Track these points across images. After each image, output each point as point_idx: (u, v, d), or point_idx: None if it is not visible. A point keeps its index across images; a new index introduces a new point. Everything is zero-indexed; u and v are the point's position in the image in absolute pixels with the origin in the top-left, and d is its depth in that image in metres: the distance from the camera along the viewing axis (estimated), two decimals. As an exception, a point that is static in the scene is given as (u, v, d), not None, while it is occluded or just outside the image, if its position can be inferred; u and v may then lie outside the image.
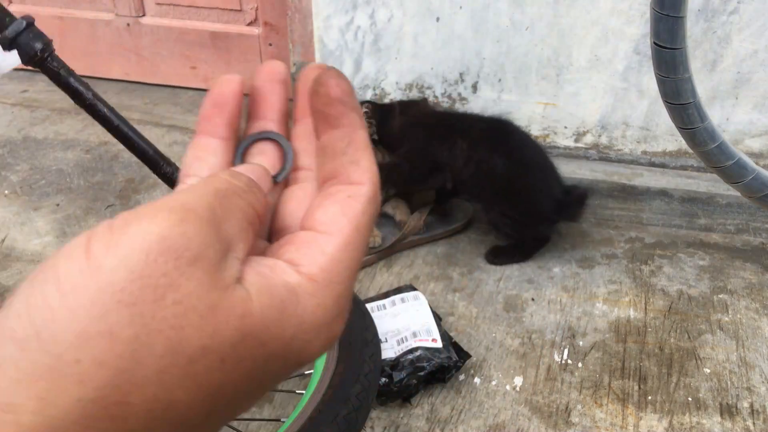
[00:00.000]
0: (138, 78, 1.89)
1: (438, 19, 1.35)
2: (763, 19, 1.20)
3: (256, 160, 0.28)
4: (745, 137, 1.31)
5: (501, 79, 1.38)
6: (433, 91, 1.43)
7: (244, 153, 0.28)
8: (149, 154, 0.68)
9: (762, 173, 1.09)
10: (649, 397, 0.94)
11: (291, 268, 0.23)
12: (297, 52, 1.51)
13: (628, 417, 0.91)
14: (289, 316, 0.22)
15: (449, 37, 1.36)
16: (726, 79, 1.27)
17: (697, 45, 1.24)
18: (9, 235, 1.29)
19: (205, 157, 0.27)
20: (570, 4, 1.26)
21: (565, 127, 1.40)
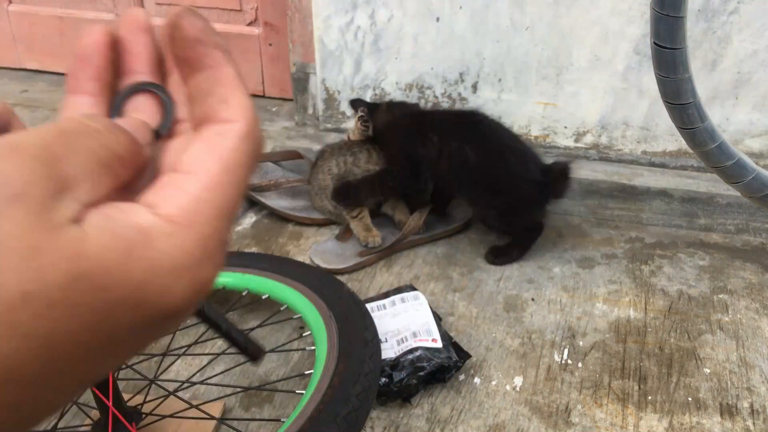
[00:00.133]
0: (138, 78, 1.89)
1: (438, 19, 1.35)
2: (763, 20, 1.20)
3: (135, 115, 0.26)
4: (745, 137, 1.31)
5: (501, 79, 1.38)
6: (433, 92, 1.43)
7: (121, 108, 0.27)
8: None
9: (762, 173, 1.09)
10: (649, 397, 0.94)
11: (146, 209, 0.22)
12: (297, 52, 1.51)
13: (628, 417, 0.91)
14: (138, 258, 0.20)
15: (449, 38, 1.36)
16: (726, 79, 1.27)
17: (697, 45, 1.25)
18: (9, 235, 1.29)
19: None
20: (570, 5, 1.27)
21: (565, 127, 1.40)
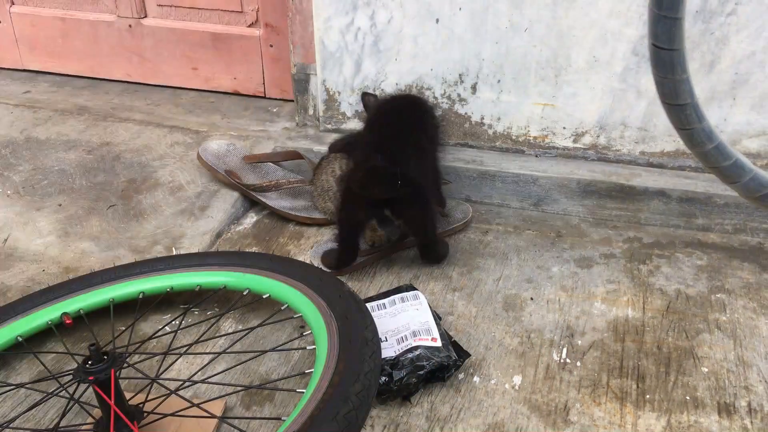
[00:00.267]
0: (139, 79, 1.90)
1: (437, 20, 1.35)
2: (760, 21, 1.20)
3: None
4: (743, 138, 1.32)
5: (500, 80, 1.39)
6: (433, 92, 1.44)
7: None
8: None
9: (760, 173, 1.09)
10: (648, 396, 0.95)
11: None
12: (297, 53, 1.52)
13: (626, 416, 0.92)
14: None
15: (449, 39, 1.37)
16: (724, 80, 1.27)
17: (695, 46, 1.25)
18: (11, 235, 1.30)
19: None
20: (569, 6, 1.27)
21: (564, 127, 1.41)
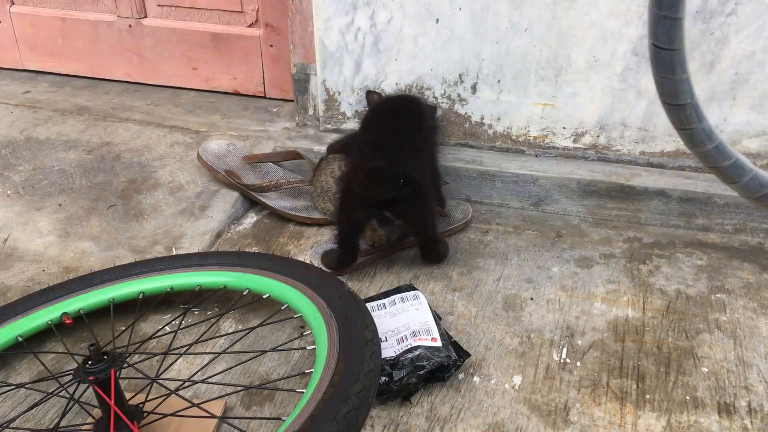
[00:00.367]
0: (139, 79, 1.90)
1: (437, 20, 1.35)
2: (760, 21, 1.20)
3: None
4: (743, 138, 1.32)
5: (500, 80, 1.39)
6: (433, 92, 1.44)
7: None
8: None
9: (760, 173, 1.09)
10: (648, 396, 0.95)
11: None
12: (297, 53, 1.52)
13: (626, 416, 0.92)
14: None
15: (449, 39, 1.37)
16: (724, 80, 1.27)
17: (695, 46, 1.25)
18: (11, 235, 1.30)
19: None
20: (569, 6, 1.27)
21: (564, 127, 1.41)
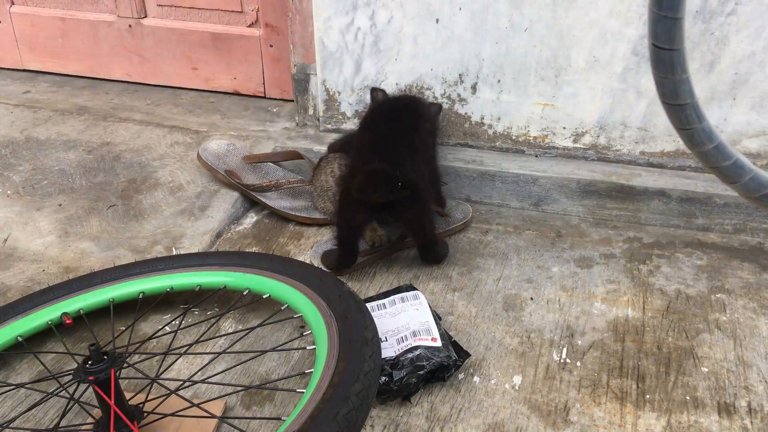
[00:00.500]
0: (139, 79, 1.90)
1: (437, 20, 1.35)
2: (760, 21, 1.20)
3: None
4: (743, 138, 1.32)
5: (500, 80, 1.39)
6: (433, 92, 1.44)
7: None
8: None
9: (760, 173, 1.09)
10: (648, 396, 0.95)
11: None
12: (298, 53, 1.52)
13: (626, 416, 0.92)
14: None
15: (449, 39, 1.37)
16: (724, 80, 1.27)
17: (695, 46, 1.25)
18: (11, 235, 1.30)
19: None
20: (569, 6, 1.27)
21: (564, 127, 1.41)
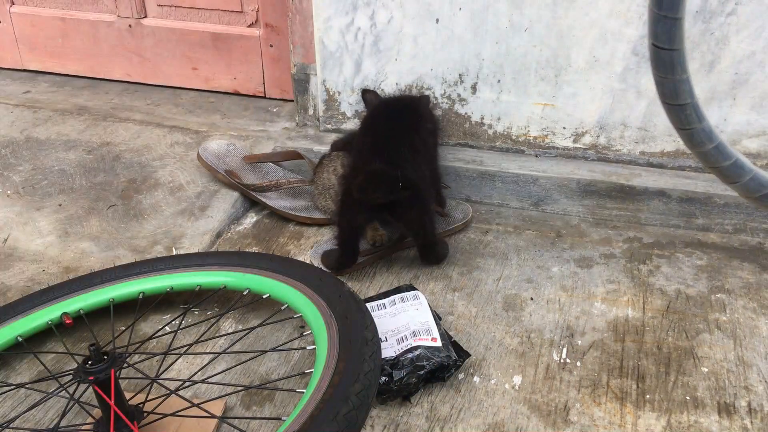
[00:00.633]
0: (139, 79, 1.90)
1: (437, 20, 1.35)
2: (760, 21, 1.20)
3: None
4: (743, 138, 1.32)
5: (500, 80, 1.39)
6: (433, 92, 1.44)
7: None
8: None
9: (760, 173, 1.09)
10: (648, 396, 0.95)
11: None
12: (298, 53, 1.52)
13: (626, 416, 0.92)
14: None
15: (449, 39, 1.37)
16: (724, 80, 1.27)
17: (695, 46, 1.25)
18: (11, 235, 1.30)
19: None
20: (569, 6, 1.27)
21: (564, 127, 1.41)
